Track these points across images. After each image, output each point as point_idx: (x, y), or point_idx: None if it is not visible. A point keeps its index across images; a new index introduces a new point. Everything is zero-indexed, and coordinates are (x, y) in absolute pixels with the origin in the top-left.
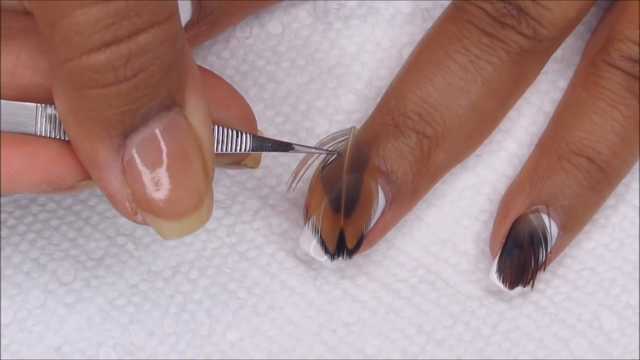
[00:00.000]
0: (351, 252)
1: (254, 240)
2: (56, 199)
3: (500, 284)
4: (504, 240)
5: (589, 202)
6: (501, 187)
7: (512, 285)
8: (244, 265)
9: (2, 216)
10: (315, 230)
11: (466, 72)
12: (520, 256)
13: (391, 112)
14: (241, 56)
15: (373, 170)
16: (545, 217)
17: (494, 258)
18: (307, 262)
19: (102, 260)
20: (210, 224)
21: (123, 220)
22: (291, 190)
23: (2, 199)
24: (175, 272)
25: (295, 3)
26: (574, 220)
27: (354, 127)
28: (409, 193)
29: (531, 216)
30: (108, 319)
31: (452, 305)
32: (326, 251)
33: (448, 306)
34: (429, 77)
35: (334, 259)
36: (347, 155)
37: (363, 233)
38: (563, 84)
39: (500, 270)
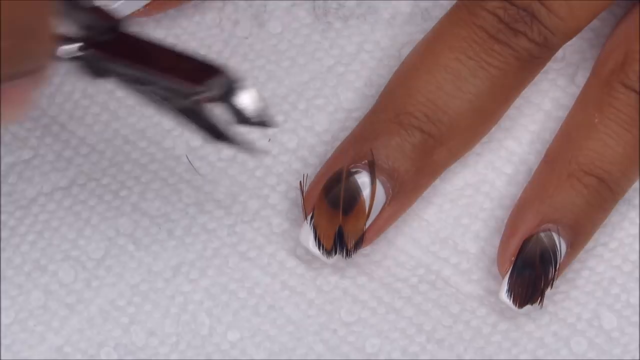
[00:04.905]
0: (350, 251)
1: (255, 240)
2: (56, 199)
3: (510, 303)
4: (513, 259)
5: (596, 219)
6: (501, 185)
7: (521, 305)
8: (244, 265)
9: (3, 217)
10: (313, 227)
11: (475, 77)
12: (531, 276)
13: (396, 110)
14: (241, 55)
15: (374, 168)
16: (555, 236)
17: (503, 277)
18: (308, 262)
19: (102, 261)
20: (210, 224)
21: (123, 220)
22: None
23: (2, 199)
24: (175, 272)
25: (296, 3)
26: (581, 237)
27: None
28: (409, 190)
29: (542, 235)
30: (109, 319)
31: (452, 304)
32: (323, 249)
33: (448, 306)
34: (439, 80)
35: (331, 256)
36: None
37: (363, 232)
38: (563, 82)
39: (511, 290)
